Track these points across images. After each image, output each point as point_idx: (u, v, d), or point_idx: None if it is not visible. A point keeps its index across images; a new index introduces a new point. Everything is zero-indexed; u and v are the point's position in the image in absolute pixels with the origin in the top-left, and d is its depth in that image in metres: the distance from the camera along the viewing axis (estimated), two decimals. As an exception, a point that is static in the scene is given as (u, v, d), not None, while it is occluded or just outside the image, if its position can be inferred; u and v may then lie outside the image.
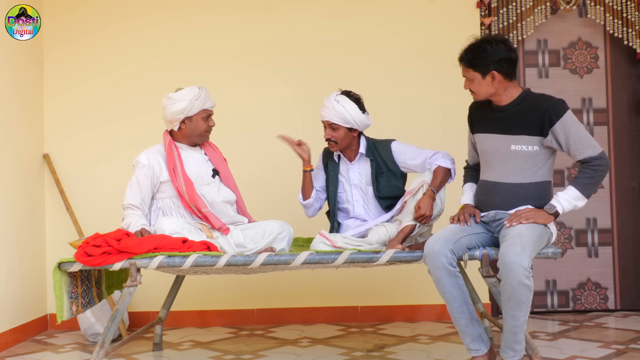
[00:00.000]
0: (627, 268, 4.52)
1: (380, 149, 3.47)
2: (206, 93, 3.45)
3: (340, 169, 3.53)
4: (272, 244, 3.32)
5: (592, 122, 4.52)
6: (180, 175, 3.36)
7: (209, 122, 3.48)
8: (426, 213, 3.19)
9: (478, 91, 3.01)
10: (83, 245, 3.05)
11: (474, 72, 2.97)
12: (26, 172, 4.14)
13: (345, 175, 3.52)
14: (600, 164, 2.90)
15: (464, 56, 3.00)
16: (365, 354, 3.51)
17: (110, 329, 3.03)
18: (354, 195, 3.50)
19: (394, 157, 3.46)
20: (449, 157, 3.36)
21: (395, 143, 3.49)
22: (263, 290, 4.37)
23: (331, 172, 3.53)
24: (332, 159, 3.55)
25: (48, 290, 4.30)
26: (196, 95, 3.39)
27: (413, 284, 4.36)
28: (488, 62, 2.94)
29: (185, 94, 3.39)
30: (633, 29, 4.35)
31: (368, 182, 3.48)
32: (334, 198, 3.52)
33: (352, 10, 4.44)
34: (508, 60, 2.96)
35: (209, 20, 4.43)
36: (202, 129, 3.45)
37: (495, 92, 2.99)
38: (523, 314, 2.74)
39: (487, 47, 2.94)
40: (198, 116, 3.43)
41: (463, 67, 3.02)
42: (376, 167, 3.46)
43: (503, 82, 2.98)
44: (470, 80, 3.00)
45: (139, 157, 3.42)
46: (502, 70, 2.95)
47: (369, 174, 3.47)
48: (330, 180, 3.53)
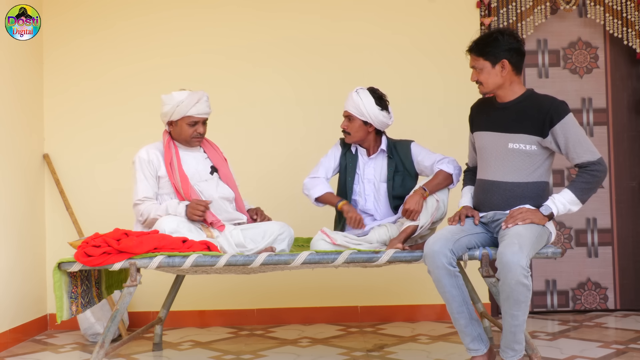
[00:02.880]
0: (627, 268, 4.52)
1: (400, 149, 3.50)
2: (192, 100, 3.37)
3: (358, 161, 3.54)
4: (272, 245, 3.33)
5: (592, 122, 4.52)
6: (177, 171, 3.37)
7: (197, 128, 3.43)
8: (410, 207, 3.20)
9: (486, 81, 3.01)
10: (83, 245, 3.05)
11: (484, 61, 2.98)
12: (26, 172, 4.14)
13: (361, 169, 3.53)
14: (598, 170, 2.90)
15: (474, 46, 3.01)
16: (365, 354, 3.51)
17: (110, 329, 3.03)
18: (366, 189, 3.51)
19: (412, 158, 3.49)
20: (454, 164, 3.37)
21: (414, 144, 3.53)
22: (263, 290, 4.37)
23: (349, 163, 3.53)
24: (350, 150, 3.55)
25: (48, 290, 4.30)
26: (179, 101, 3.36)
27: (413, 284, 4.36)
28: (499, 50, 2.96)
29: (171, 98, 3.39)
30: (633, 29, 4.35)
31: (382, 179, 3.48)
32: (350, 189, 3.51)
33: (353, 10, 4.44)
34: (518, 51, 2.99)
35: (209, 19, 4.43)
36: (186, 134, 3.43)
37: (503, 83, 3.00)
38: (522, 314, 2.74)
39: (498, 36, 2.97)
40: (182, 122, 3.41)
41: (473, 56, 3.02)
42: (395, 166, 3.47)
43: (511, 74, 2.99)
44: (479, 70, 3.00)
45: (138, 153, 3.43)
46: (512, 61, 2.97)
47: (385, 171, 3.49)
48: (348, 171, 3.53)
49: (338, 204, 3.40)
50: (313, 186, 3.50)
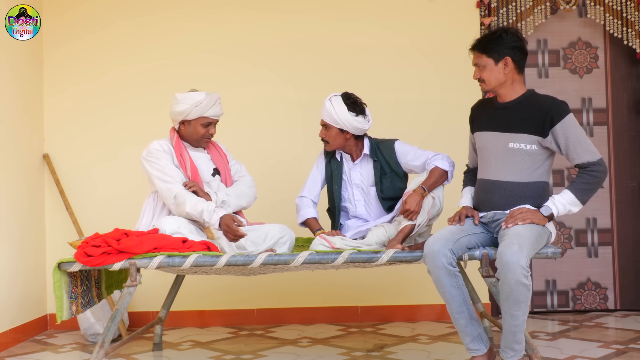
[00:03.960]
0: (627, 268, 4.52)
1: (384, 150, 3.47)
2: (210, 101, 3.39)
3: (343, 167, 3.53)
4: (274, 248, 3.32)
5: (592, 122, 4.52)
6: (188, 163, 3.38)
7: (209, 129, 3.45)
8: (411, 208, 3.19)
9: (489, 79, 3.01)
10: (83, 246, 3.05)
11: (487, 58, 2.99)
12: (26, 172, 4.14)
13: (347, 175, 3.52)
14: (598, 170, 2.90)
15: (477, 43, 3.03)
16: (365, 354, 3.51)
17: (110, 329, 3.03)
18: (355, 195, 3.50)
19: (397, 157, 3.46)
20: (448, 160, 3.36)
21: (398, 142, 3.49)
22: (263, 290, 4.37)
23: (335, 170, 3.53)
24: (335, 157, 3.54)
25: (48, 290, 4.30)
26: (197, 101, 3.37)
27: (413, 284, 4.36)
28: (502, 47, 2.97)
29: (188, 97, 3.39)
30: (633, 29, 4.35)
31: (370, 183, 3.47)
32: (338, 196, 3.51)
33: (353, 10, 4.44)
34: (521, 50, 3.00)
35: (209, 19, 4.43)
36: (199, 134, 3.44)
37: (505, 81, 3.00)
38: (522, 314, 2.73)
39: (502, 34, 2.99)
40: (196, 122, 3.42)
41: (476, 53, 3.03)
42: (380, 168, 3.46)
43: (513, 72, 3.00)
44: (482, 67, 3.01)
45: (150, 146, 3.37)
46: (515, 59, 2.98)
47: (372, 174, 3.47)
48: (334, 178, 3.52)
49: (315, 233, 3.43)
50: (299, 209, 3.54)
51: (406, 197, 3.24)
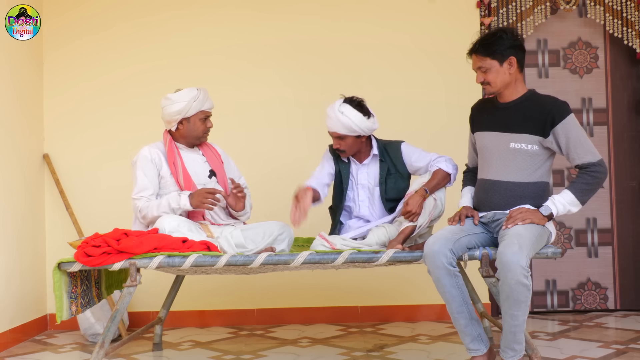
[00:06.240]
0: (627, 268, 4.52)
1: (391, 151, 3.47)
2: (204, 94, 3.44)
3: (350, 167, 3.52)
4: (272, 245, 3.33)
5: (592, 122, 4.52)
6: (180, 170, 3.37)
7: (207, 123, 3.48)
8: (412, 210, 3.18)
9: (494, 81, 2.98)
10: (82, 246, 3.05)
11: (491, 60, 2.96)
12: (26, 172, 4.14)
13: (354, 175, 3.51)
14: (599, 171, 2.90)
15: (478, 47, 2.98)
16: (365, 354, 3.51)
17: (110, 329, 3.03)
18: (360, 195, 3.49)
19: (403, 158, 3.46)
20: (451, 163, 3.36)
21: (404, 144, 3.50)
22: (263, 290, 4.37)
23: (343, 170, 3.51)
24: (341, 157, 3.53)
25: (48, 290, 4.30)
26: (194, 96, 3.39)
27: (413, 284, 4.36)
28: (505, 48, 2.95)
29: (184, 95, 3.39)
30: (633, 29, 4.35)
31: (376, 183, 3.47)
32: (343, 195, 3.50)
33: (353, 10, 4.44)
34: (522, 48, 2.99)
35: (209, 20, 4.43)
36: (199, 130, 3.46)
37: (511, 81, 2.99)
38: (522, 314, 2.73)
39: (502, 35, 2.96)
40: (195, 117, 3.43)
41: (478, 57, 2.98)
42: (386, 169, 3.46)
43: (517, 71, 2.99)
44: (486, 70, 2.97)
45: (139, 152, 3.42)
46: (518, 57, 2.97)
47: (378, 175, 3.47)
48: (343, 178, 3.51)
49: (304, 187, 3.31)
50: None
51: (408, 198, 3.24)
